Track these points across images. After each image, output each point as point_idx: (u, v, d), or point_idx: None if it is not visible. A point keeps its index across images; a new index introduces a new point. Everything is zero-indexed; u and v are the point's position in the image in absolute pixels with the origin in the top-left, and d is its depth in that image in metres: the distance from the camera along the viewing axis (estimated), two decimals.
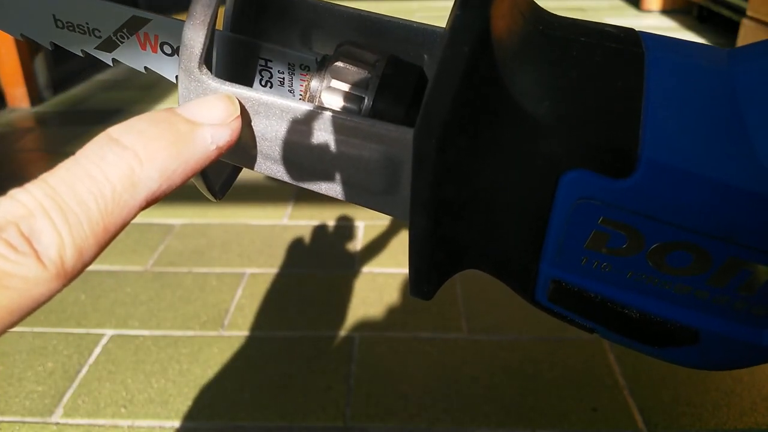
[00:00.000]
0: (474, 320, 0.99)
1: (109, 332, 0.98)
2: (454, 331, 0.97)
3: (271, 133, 0.21)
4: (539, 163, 0.18)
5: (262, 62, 0.26)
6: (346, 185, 0.21)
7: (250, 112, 0.20)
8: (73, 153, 0.16)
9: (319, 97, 0.22)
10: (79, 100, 2.03)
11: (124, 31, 0.26)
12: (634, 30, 0.20)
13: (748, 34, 2.32)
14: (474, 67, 0.17)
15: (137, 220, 1.28)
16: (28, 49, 1.91)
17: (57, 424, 0.81)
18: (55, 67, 2.11)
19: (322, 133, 0.20)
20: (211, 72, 0.21)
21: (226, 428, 0.81)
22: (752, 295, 0.18)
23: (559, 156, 0.18)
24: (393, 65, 0.22)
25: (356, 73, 0.22)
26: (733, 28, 2.49)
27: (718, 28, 2.80)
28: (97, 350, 0.94)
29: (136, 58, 0.27)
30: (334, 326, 0.99)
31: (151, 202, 0.17)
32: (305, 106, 0.20)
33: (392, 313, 1.01)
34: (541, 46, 0.19)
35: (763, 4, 2.20)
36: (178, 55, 0.26)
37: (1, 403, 0.84)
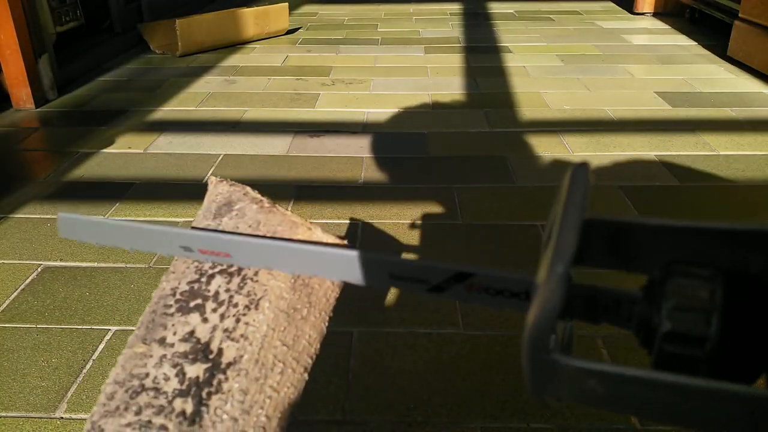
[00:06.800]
0: (470, 316, 1.00)
1: (113, 328, 0.99)
2: (451, 326, 0.98)
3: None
4: None
5: (588, 299, 0.28)
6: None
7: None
8: (76, 153, 0.18)
9: (659, 342, 0.22)
10: (82, 101, 2.05)
11: (450, 280, 0.34)
12: None
13: (740, 36, 2.32)
14: None
15: (141, 218, 1.30)
16: (32, 51, 1.93)
17: (61, 419, 0.82)
18: (59, 68, 2.13)
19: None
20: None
21: None
22: None
23: None
24: (731, 299, 0.22)
25: (696, 316, 0.22)
26: (725, 30, 2.49)
27: (709, 30, 2.81)
28: (102, 346, 0.95)
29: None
30: (333, 322, 0.99)
31: None
32: (673, 378, 0.21)
33: (390, 309, 1.03)
34: None
35: (755, 6, 2.20)
36: (501, 296, 0.32)
37: (5, 399, 0.85)
